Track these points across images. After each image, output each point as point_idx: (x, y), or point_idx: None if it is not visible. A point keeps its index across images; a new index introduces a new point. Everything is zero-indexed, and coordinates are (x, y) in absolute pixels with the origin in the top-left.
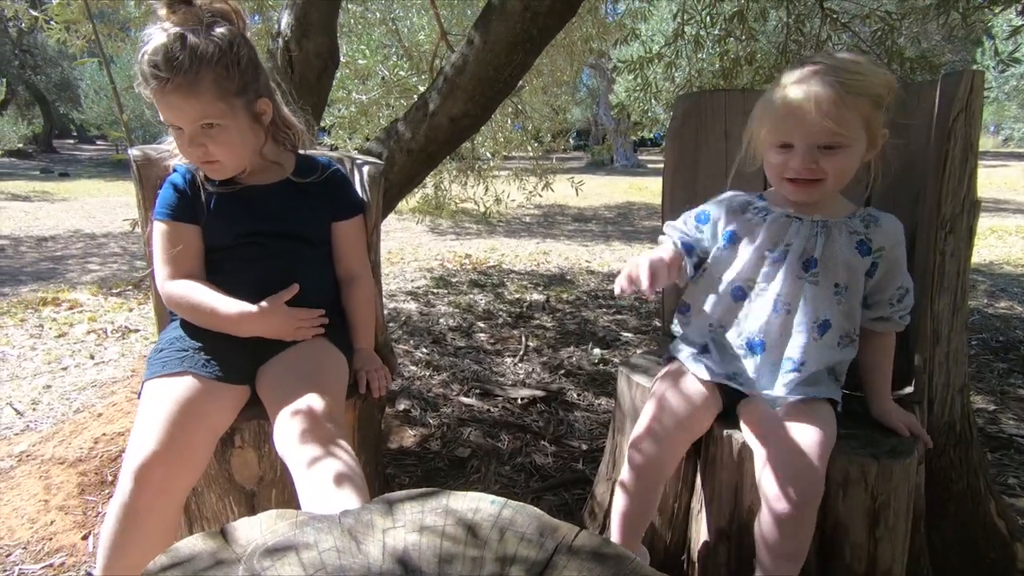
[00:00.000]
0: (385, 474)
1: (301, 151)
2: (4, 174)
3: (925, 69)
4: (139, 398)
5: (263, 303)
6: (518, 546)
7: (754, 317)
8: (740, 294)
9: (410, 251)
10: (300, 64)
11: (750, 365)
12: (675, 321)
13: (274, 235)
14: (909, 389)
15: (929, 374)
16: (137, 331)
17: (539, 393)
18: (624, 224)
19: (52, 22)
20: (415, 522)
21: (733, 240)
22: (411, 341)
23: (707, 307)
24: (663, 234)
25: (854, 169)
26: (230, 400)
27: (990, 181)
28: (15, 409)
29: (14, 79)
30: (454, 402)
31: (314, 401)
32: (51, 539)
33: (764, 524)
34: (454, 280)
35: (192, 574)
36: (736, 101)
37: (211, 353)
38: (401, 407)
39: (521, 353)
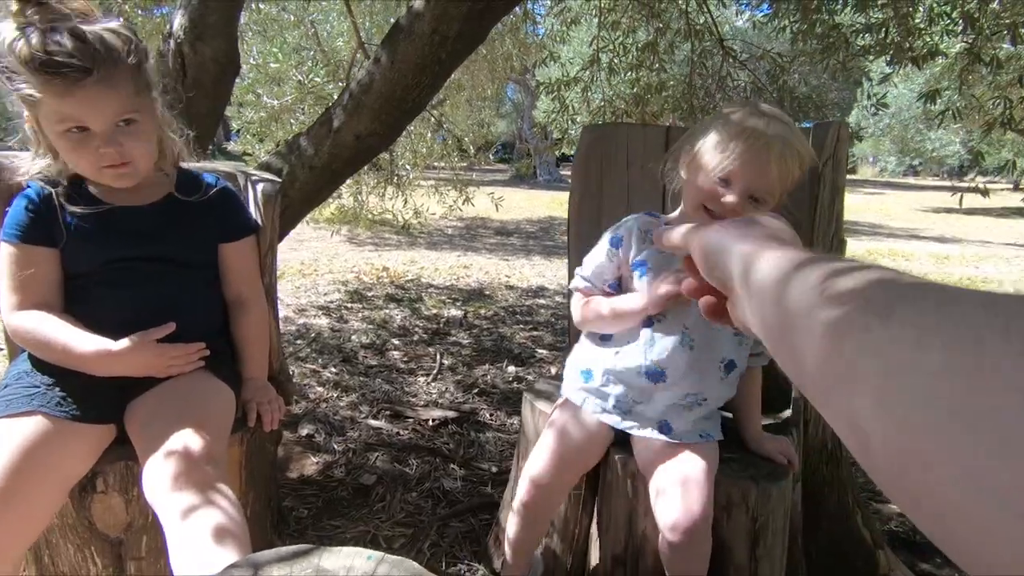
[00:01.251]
0: (280, 508)
1: (183, 165)
2: None
3: (813, 107)
4: None
5: (126, 340)
6: None
7: (659, 347)
8: (647, 322)
9: (325, 262)
10: (194, 68)
11: (649, 393)
12: (572, 349)
13: (149, 259)
14: (787, 412)
15: (804, 398)
16: None
17: (451, 414)
18: (545, 238)
19: None
20: None
21: (643, 269)
22: (319, 360)
23: (615, 334)
24: (580, 284)
25: None
26: (88, 442)
27: (868, 207)
28: None
29: None
30: (362, 425)
31: (191, 439)
32: None
33: (663, 551)
34: (370, 294)
35: None
36: (637, 134)
37: (67, 389)
38: (304, 432)
39: (435, 372)
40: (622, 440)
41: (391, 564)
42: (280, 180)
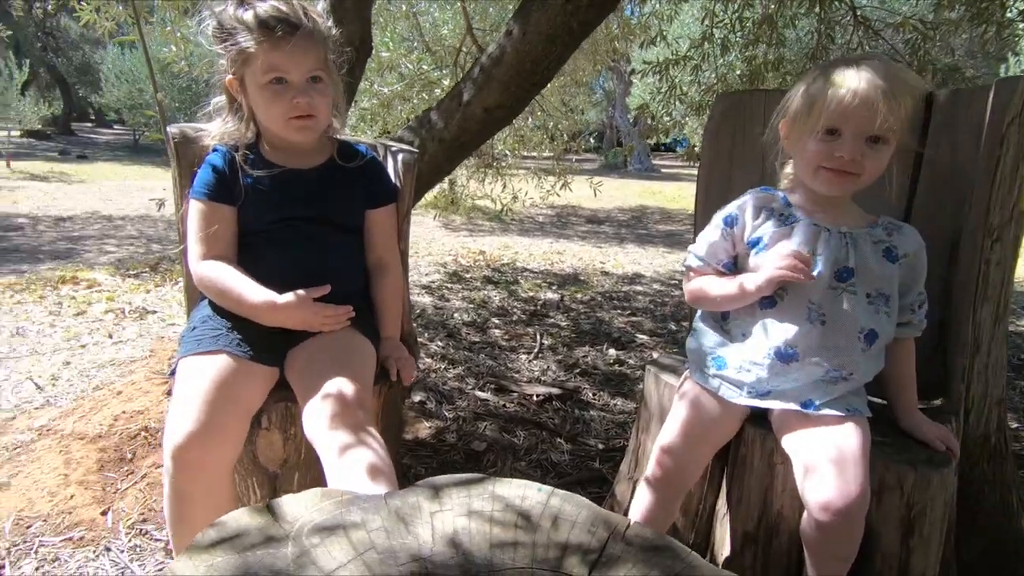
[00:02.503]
0: (402, 463)
1: (337, 136)
2: (23, 154)
3: (957, 80)
4: (172, 375)
5: (290, 295)
6: (570, 534)
7: (784, 325)
8: (768, 303)
9: (423, 245)
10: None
11: (782, 376)
12: (692, 335)
13: (309, 220)
14: (938, 402)
15: (967, 384)
16: (154, 312)
17: (555, 391)
18: (638, 227)
19: (83, 2)
20: (463, 506)
21: (761, 248)
22: (426, 334)
23: (734, 317)
24: (694, 263)
25: (883, 169)
26: (262, 380)
27: None
28: (35, 384)
29: (36, 61)
30: (469, 396)
31: (344, 386)
32: (71, 513)
33: (808, 532)
34: (467, 276)
35: (242, 550)
36: (775, 101)
37: (243, 333)
38: (416, 399)
39: (536, 350)
40: (759, 415)
41: (562, 498)
42: (416, 151)
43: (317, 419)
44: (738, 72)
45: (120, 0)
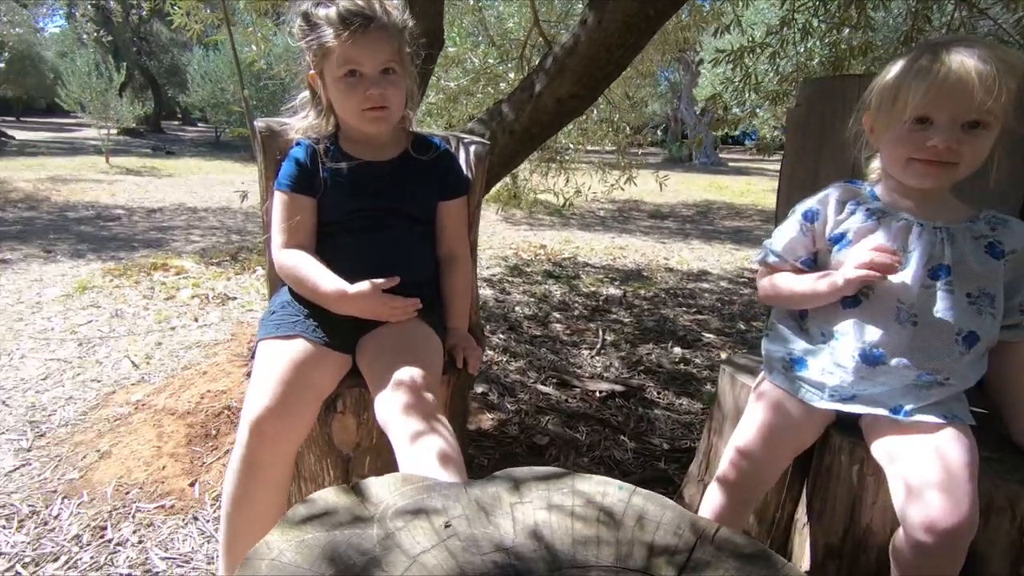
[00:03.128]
0: (466, 453)
1: (412, 129)
2: (120, 150)
3: None
4: (253, 356)
5: (362, 286)
6: (655, 535)
7: (872, 327)
8: (851, 302)
9: (484, 239)
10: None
11: (868, 379)
12: (769, 335)
13: (383, 210)
14: None
15: None
16: (235, 299)
17: (618, 388)
18: (703, 223)
19: (176, 6)
20: (543, 499)
21: (844, 244)
22: (488, 326)
23: (814, 317)
24: (769, 258)
25: (985, 156)
26: (335, 366)
27: None
28: (132, 362)
29: (131, 64)
30: (531, 389)
31: (415, 374)
32: (163, 482)
33: (904, 552)
34: (528, 269)
35: (331, 527)
36: (855, 85)
37: (318, 320)
38: (479, 390)
39: (598, 346)
40: (845, 421)
41: (644, 497)
42: (488, 143)
43: (388, 406)
44: (818, 60)
45: (208, 3)
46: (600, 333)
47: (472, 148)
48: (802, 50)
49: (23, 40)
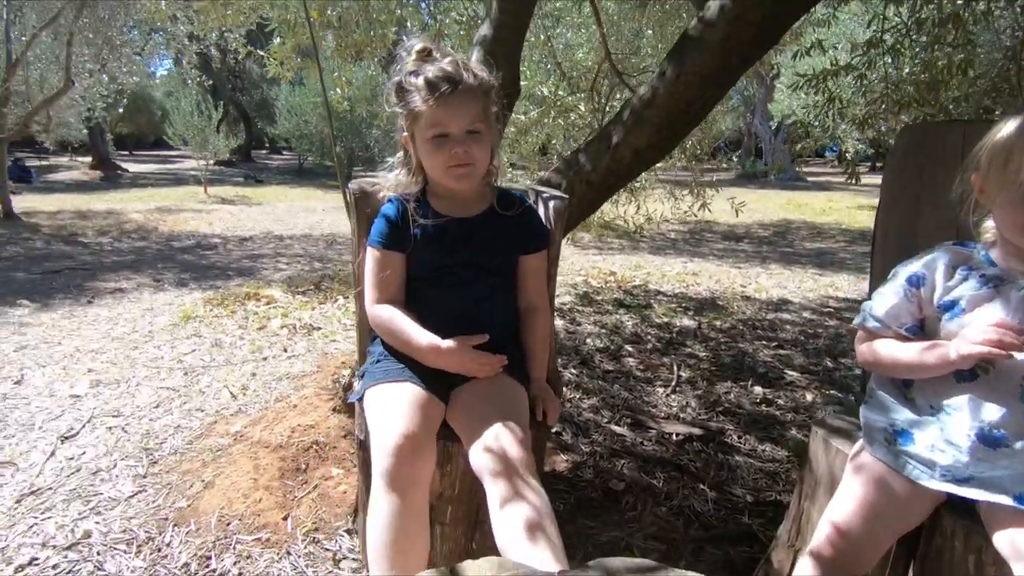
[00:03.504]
0: None
1: (496, 184)
2: (215, 180)
3: None
4: (359, 400)
5: (451, 342)
6: None
7: (990, 404)
8: (967, 375)
9: None
10: None
11: (987, 462)
12: (868, 402)
13: (469, 266)
14: None
15: None
16: (319, 329)
17: (696, 431)
18: (781, 244)
19: (271, 58)
20: None
21: (956, 312)
22: (559, 360)
23: (921, 387)
24: (871, 323)
25: None
26: (437, 411)
27: None
28: (231, 392)
29: (226, 100)
30: (605, 430)
31: (505, 435)
32: (259, 515)
33: None
34: (599, 298)
35: None
36: (976, 136)
37: (414, 370)
38: (553, 429)
39: (673, 383)
40: (959, 503)
41: None
42: (567, 197)
43: (482, 464)
44: (910, 77)
45: (300, 54)
46: (675, 369)
47: (552, 204)
48: (892, 72)
49: (138, 84)
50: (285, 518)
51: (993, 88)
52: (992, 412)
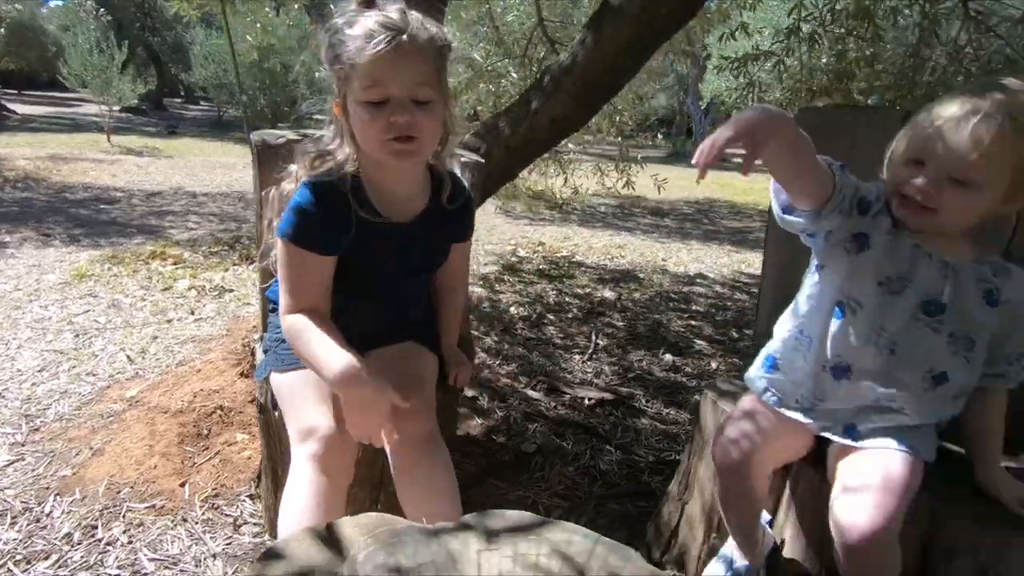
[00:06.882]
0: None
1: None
2: (122, 128)
3: None
4: (260, 379)
5: (378, 384)
6: None
7: (848, 342)
8: (839, 312)
9: (484, 234)
10: None
11: (833, 391)
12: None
13: (401, 273)
14: None
15: None
16: (231, 291)
17: (607, 395)
18: (704, 222)
19: None
20: (511, 547)
21: (856, 245)
22: (480, 328)
23: (805, 317)
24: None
25: (976, 215)
26: None
27: None
28: (128, 356)
29: (134, 41)
30: (521, 395)
31: (414, 402)
32: (154, 482)
33: (839, 558)
34: (525, 268)
35: None
36: (865, 119)
37: None
38: (469, 394)
39: (590, 351)
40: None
41: (608, 547)
42: (484, 161)
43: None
44: (824, 64)
45: None
46: (593, 337)
47: (470, 169)
48: (807, 59)
49: (23, 11)
50: (183, 484)
51: (894, 83)
52: (846, 348)
